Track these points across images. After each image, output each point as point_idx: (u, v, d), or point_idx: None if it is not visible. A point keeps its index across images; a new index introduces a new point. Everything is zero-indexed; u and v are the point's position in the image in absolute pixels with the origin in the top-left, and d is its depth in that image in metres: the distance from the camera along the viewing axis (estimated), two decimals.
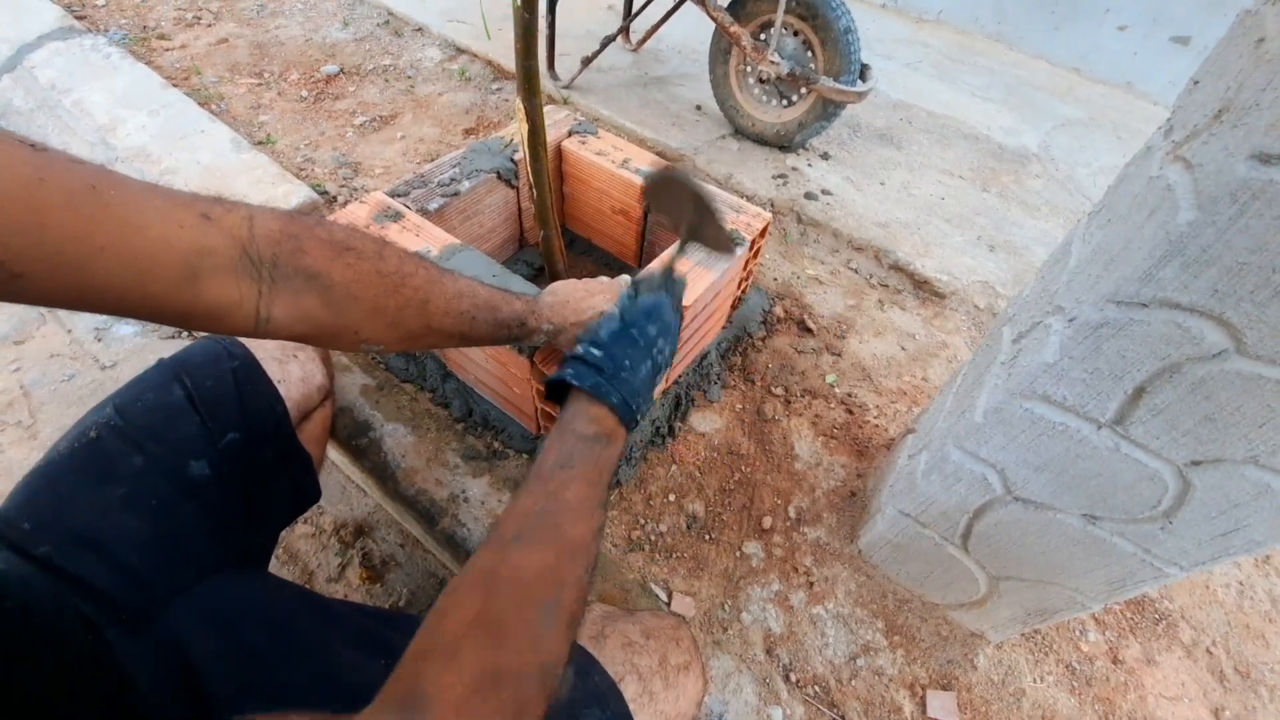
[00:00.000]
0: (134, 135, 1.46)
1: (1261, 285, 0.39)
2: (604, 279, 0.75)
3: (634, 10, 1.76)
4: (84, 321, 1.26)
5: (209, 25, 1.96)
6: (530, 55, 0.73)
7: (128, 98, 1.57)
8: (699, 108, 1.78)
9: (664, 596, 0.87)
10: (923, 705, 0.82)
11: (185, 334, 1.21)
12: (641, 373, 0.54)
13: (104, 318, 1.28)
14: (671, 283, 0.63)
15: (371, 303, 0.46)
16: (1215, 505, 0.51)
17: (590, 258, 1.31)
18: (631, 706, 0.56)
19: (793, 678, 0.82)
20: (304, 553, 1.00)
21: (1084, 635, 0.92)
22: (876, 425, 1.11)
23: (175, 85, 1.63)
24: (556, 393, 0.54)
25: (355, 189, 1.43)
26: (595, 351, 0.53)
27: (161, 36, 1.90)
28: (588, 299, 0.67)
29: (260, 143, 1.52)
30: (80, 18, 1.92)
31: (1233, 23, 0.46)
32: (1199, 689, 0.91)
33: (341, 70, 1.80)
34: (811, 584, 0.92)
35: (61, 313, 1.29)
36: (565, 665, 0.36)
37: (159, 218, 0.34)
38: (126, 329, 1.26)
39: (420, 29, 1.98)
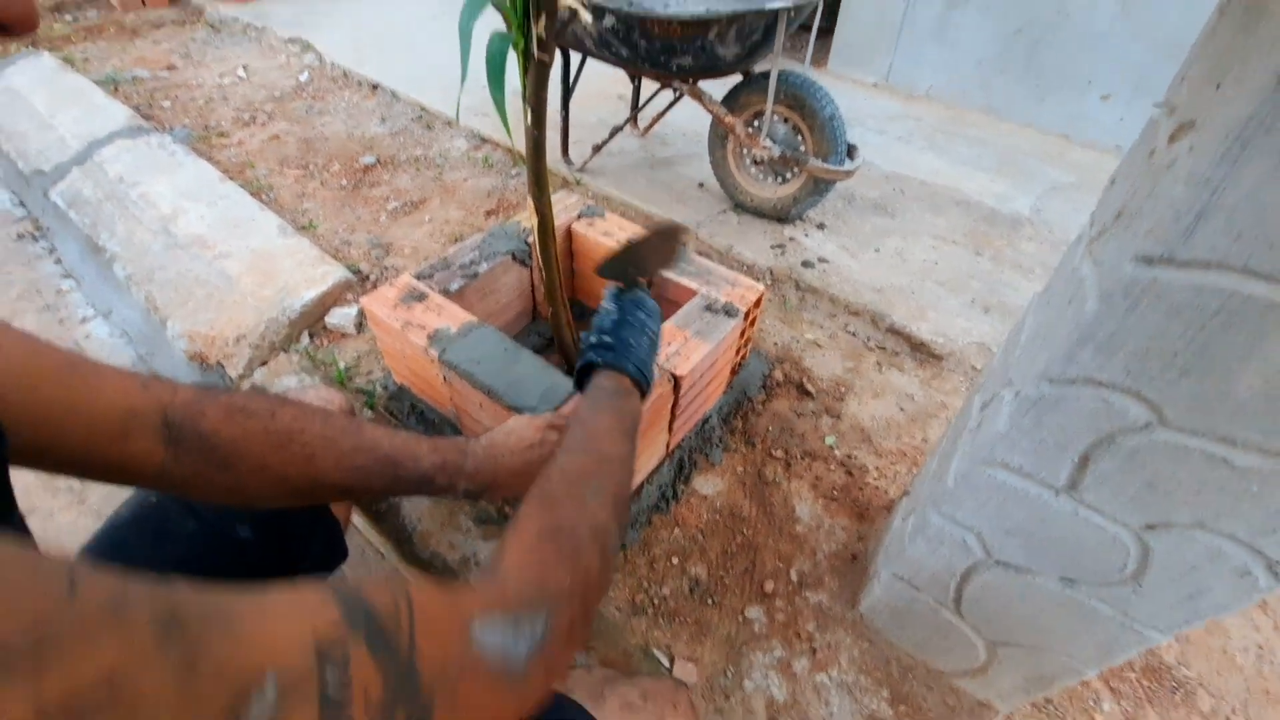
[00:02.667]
0: (193, 224, 1.63)
1: (1167, 367, 0.44)
2: (545, 415, 0.74)
3: (640, 102, 1.94)
4: None
5: (263, 124, 2.20)
6: (539, 161, 0.84)
7: (189, 190, 1.76)
8: (701, 185, 1.91)
9: (666, 662, 0.88)
10: None
11: None
12: (644, 346, 0.63)
13: None
14: (637, 284, 0.71)
15: (256, 459, 0.49)
16: (1176, 568, 0.54)
17: None
18: None
19: None
20: None
21: (1098, 706, 0.90)
22: (876, 487, 1.14)
23: (231, 178, 1.82)
24: (581, 384, 0.63)
25: (386, 268, 1.57)
26: (605, 338, 0.62)
27: (221, 134, 2.14)
28: (528, 451, 0.66)
29: (303, 228, 1.68)
30: (148, 117, 2.18)
31: (1144, 126, 0.53)
32: None
33: (378, 160, 2.00)
34: (814, 650, 0.92)
35: None
36: (616, 532, 0.45)
37: (112, 385, 0.42)
38: None
39: (449, 122, 2.19)
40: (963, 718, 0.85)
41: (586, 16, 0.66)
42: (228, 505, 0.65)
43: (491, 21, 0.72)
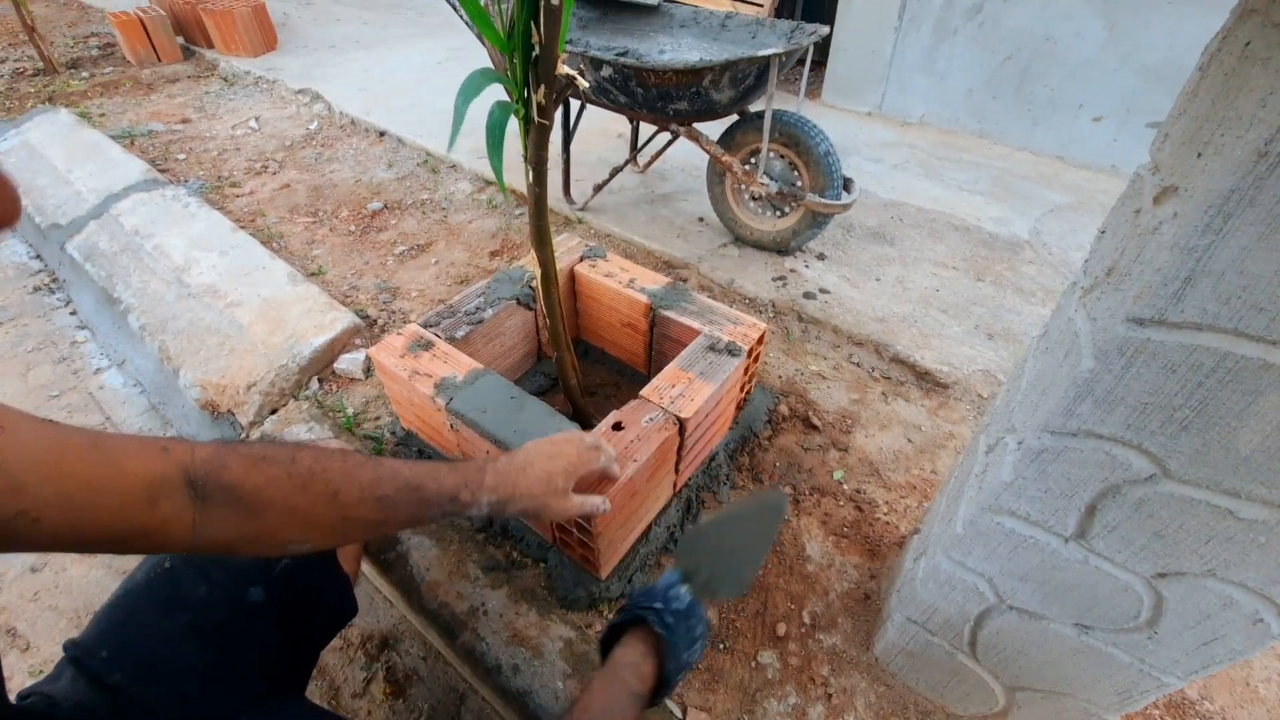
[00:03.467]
0: (206, 274, 1.67)
1: (1167, 422, 0.44)
2: (571, 433, 0.77)
3: (639, 142, 1.98)
4: None
5: (274, 173, 2.27)
6: (541, 215, 0.87)
7: (202, 241, 1.81)
8: (701, 219, 1.95)
9: (679, 713, 0.87)
10: None
11: None
12: (685, 655, 0.60)
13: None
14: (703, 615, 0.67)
15: (283, 503, 0.50)
16: (1190, 616, 0.53)
17: (604, 365, 1.41)
18: None
19: None
20: (332, 667, 1.03)
21: None
22: (887, 522, 1.13)
23: (243, 227, 1.87)
24: (610, 639, 0.62)
25: (394, 311, 1.59)
26: (667, 618, 0.60)
27: (233, 184, 2.20)
28: (546, 464, 0.68)
29: (312, 274, 1.72)
30: (163, 170, 2.24)
31: (1131, 179, 0.54)
32: None
33: (385, 205, 2.05)
34: (830, 695, 0.90)
35: (128, 431, 1.42)
36: None
37: (135, 457, 0.44)
38: None
39: (454, 166, 2.25)
40: None
41: (584, 83, 0.69)
42: (257, 560, 0.66)
43: (494, 88, 0.75)
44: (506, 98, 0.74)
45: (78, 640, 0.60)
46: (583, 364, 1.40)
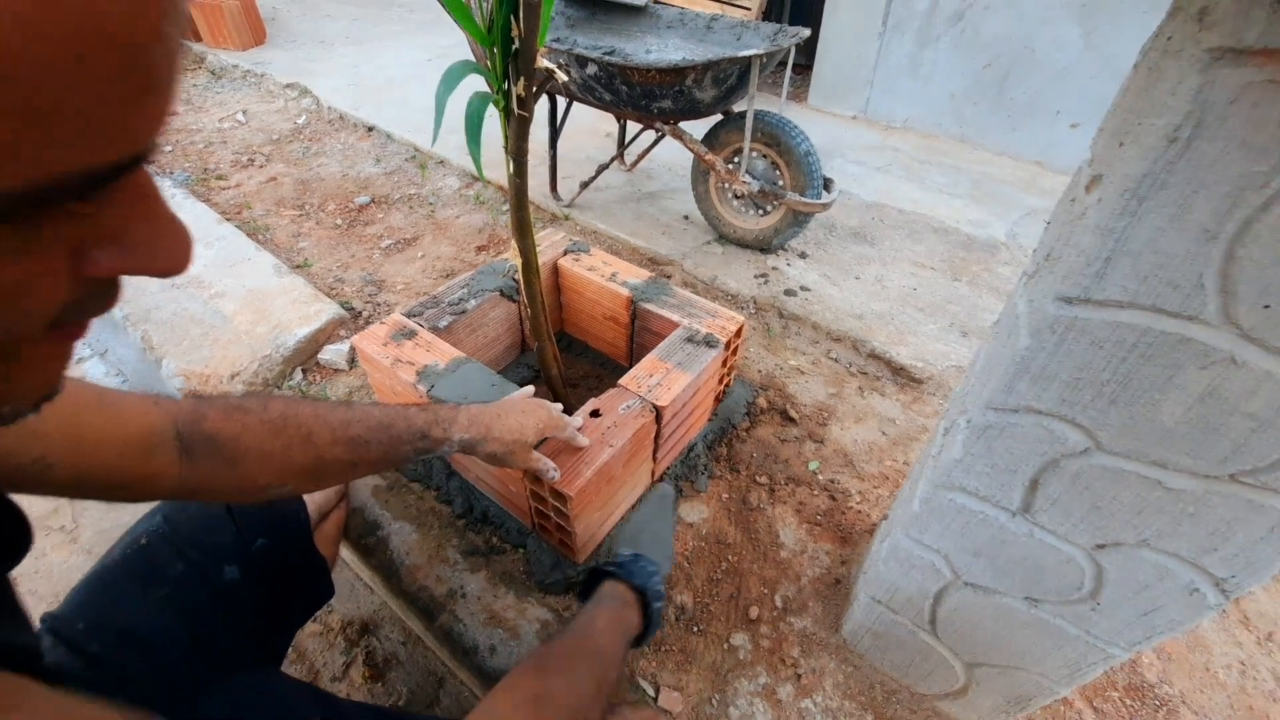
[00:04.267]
0: (191, 265, 1.67)
1: (1097, 396, 0.47)
2: (543, 400, 0.84)
3: (626, 140, 2.01)
4: None
5: (261, 166, 2.27)
6: (522, 207, 0.89)
7: None
8: (686, 217, 1.97)
9: (651, 691, 0.89)
10: None
11: None
12: (657, 588, 0.72)
13: None
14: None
15: (258, 448, 0.53)
16: (1129, 587, 0.56)
17: (586, 358, 1.43)
18: None
19: None
20: (311, 651, 1.04)
21: None
22: (859, 511, 1.16)
23: (229, 219, 1.87)
24: (592, 579, 0.72)
25: (379, 304, 1.60)
26: (627, 555, 0.72)
27: (219, 177, 2.20)
28: (520, 418, 0.74)
29: (298, 267, 1.72)
30: (147, 162, 2.23)
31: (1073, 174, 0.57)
32: None
33: (372, 200, 2.06)
34: (799, 676, 0.93)
35: None
36: (596, 714, 0.51)
37: (133, 410, 0.48)
38: None
39: (442, 161, 2.26)
40: None
41: (563, 76, 0.71)
42: (233, 539, 0.68)
43: (472, 78, 0.77)
44: (487, 89, 0.76)
45: (55, 613, 0.61)
46: (565, 357, 1.42)
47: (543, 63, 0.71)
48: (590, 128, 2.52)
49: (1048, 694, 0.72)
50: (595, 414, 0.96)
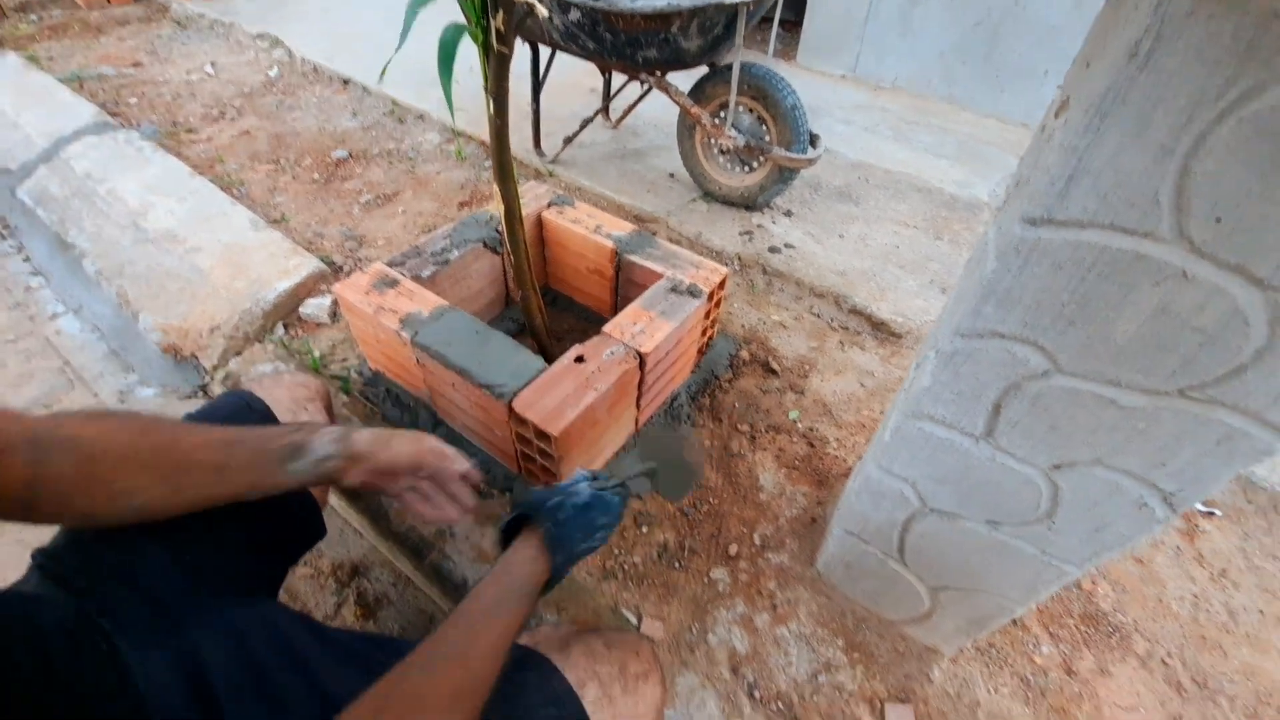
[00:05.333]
0: (163, 219, 1.63)
1: (1057, 318, 0.49)
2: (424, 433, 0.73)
3: (611, 95, 1.97)
4: (109, 384, 1.38)
5: (232, 120, 2.19)
6: (503, 150, 0.88)
7: (158, 186, 1.75)
8: (672, 175, 1.96)
9: (635, 620, 0.93)
10: (882, 718, 0.86)
11: (203, 393, 1.32)
12: (580, 546, 0.63)
13: (130, 381, 1.40)
14: (626, 490, 0.71)
15: (119, 446, 0.51)
16: (1081, 504, 0.60)
17: (571, 312, 1.44)
18: (591, 709, 0.63)
19: (756, 695, 0.87)
20: (303, 593, 1.07)
21: (1037, 649, 0.97)
22: (836, 456, 1.20)
23: (201, 174, 1.82)
24: (510, 531, 0.64)
25: (359, 259, 1.58)
26: (560, 514, 0.62)
27: (189, 130, 2.12)
28: (393, 439, 0.67)
29: (275, 221, 1.69)
30: (114, 114, 2.15)
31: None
32: (1155, 699, 0.95)
33: (350, 155, 2.00)
34: (775, 606, 0.98)
35: (88, 375, 1.41)
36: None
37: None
38: (147, 391, 1.37)
39: (421, 116, 2.20)
40: (912, 662, 0.92)
41: (543, 11, 0.70)
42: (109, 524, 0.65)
43: (449, 12, 0.76)
44: (463, 20, 0.74)
45: (45, 548, 0.61)
46: (551, 311, 1.43)
47: None
48: (575, 82, 2.45)
49: (1006, 614, 0.77)
50: (580, 359, 0.97)
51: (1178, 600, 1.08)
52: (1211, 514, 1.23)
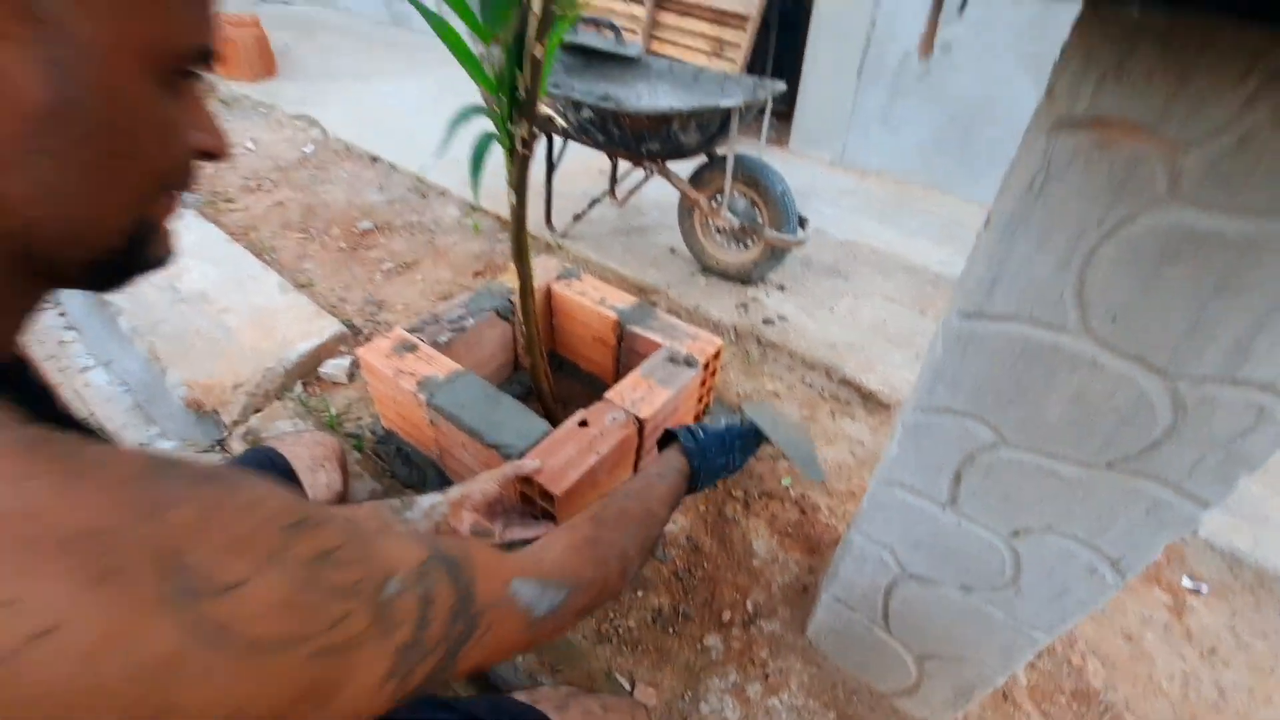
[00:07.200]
0: (198, 281, 1.75)
1: (998, 398, 0.56)
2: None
3: (618, 177, 2.15)
4: (132, 435, 1.44)
5: (268, 191, 2.37)
6: (521, 233, 0.99)
7: (195, 250, 1.89)
8: (673, 250, 2.10)
9: (628, 686, 0.94)
10: None
11: (220, 448, 1.38)
12: (717, 460, 0.76)
13: (151, 433, 1.46)
14: (760, 435, 0.83)
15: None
16: (1040, 570, 0.64)
17: (575, 378, 1.52)
18: None
19: None
20: None
21: None
22: (827, 524, 1.23)
23: (236, 240, 1.96)
24: (664, 441, 0.78)
25: (379, 323, 1.69)
26: (701, 434, 0.76)
27: (228, 200, 2.30)
28: (475, 480, 0.81)
29: (302, 286, 1.81)
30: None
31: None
32: None
33: (375, 226, 2.16)
34: (767, 675, 0.99)
35: (112, 426, 1.47)
36: (637, 563, 0.58)
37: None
38: (167, 443, 1.43)
39: (443, 192, 2.39)
40: None
41: (561, 122, 0.82)
42: None
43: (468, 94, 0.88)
44: (493, 129, 0.87)
45: None
46: (556, 376, 1.50)
47: (543, 109, 0.82)
48: (585, 166, 2.66)
49: (988, 683, 0.79)
50: (583, 424, 1.04)
51: (1168, 678, 1.09)
52: (1199, 591, 1.25)
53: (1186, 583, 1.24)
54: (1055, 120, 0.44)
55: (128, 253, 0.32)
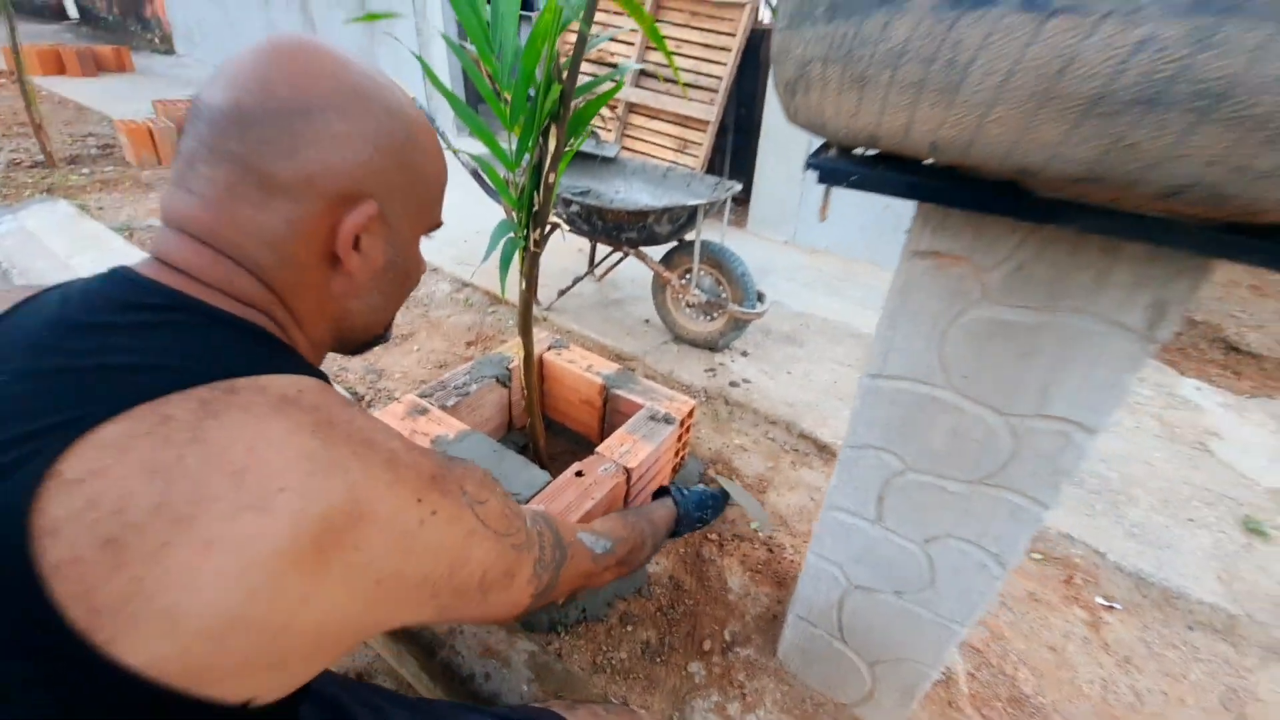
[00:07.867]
0: None
1: (899, 434, 0.77)
2: None
3: (597, 259, 2.41)
4: None
5: None
6: (528, 313, 1.19)
7: None
8: (647, 321, 2.33)
9: None
10: None
11: None
12: (694, 514, 1.04)
13: None
14: (726, 500, 1.17)
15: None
16: (949, 569, 0.83)
17: (564, 438, 1.68)
18: None
19: None
20: None
21: None
22: (792, 561, 1.40)
23: None
24: (658, 495, 1.05)
25: (379, 390, 1.83)
26: (688, 492, 1.06)
27: None
28: None
29: None
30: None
31: None
32: None
33: None
34: (745, 695, 1.12)
35: None
36: (647, 557, 0.86)
37: None
38: None
39: (436, 269, 2.60)
40: None
41: (566, 228, 1.05)
42: None
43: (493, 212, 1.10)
44: (512, 234, 1.09)
45: None
46: (546, 435, 1.66)
47: (554, 219, 1.04)
48: (566, 247, 2.94)
49: (925, 679, 0.95)
50: (579, 474, 1.20)
51: (1089, 684, 1.26)
52: (1112, 607, 1.44)
53: (1100, 600, 1.44)
54: (912, 251, 0.68)
55: (381, 336, 0.55)
